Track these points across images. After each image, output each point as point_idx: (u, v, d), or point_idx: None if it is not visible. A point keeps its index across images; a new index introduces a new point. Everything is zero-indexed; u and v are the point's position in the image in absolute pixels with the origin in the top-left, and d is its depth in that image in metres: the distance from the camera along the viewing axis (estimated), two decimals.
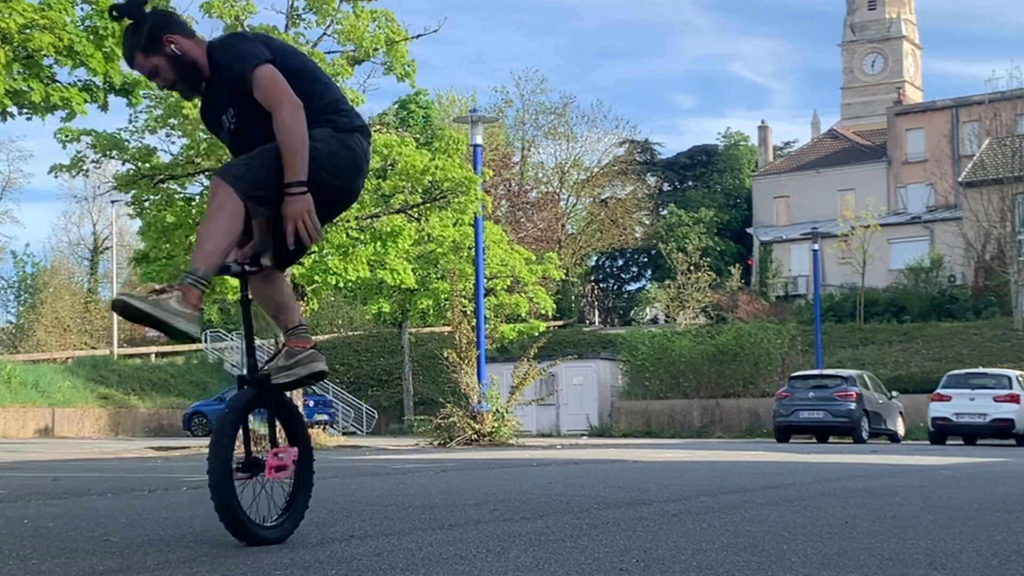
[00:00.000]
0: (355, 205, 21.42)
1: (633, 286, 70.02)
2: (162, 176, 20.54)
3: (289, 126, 3.86)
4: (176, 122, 19.87)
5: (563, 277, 46.06)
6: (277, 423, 4.34)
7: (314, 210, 3.89)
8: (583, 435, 33.44)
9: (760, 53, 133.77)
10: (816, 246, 37.25)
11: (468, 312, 26.32)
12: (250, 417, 4.20)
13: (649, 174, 69.17)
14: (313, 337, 4.44)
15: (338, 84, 21.28)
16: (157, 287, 3.80)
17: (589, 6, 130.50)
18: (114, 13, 4.11)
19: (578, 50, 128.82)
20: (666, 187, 70.77)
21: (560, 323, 52.48)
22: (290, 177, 3.85)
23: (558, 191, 63.17)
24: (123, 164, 20.67)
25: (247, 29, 20.30)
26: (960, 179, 50.60)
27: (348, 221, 21.17)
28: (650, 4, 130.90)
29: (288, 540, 4.36)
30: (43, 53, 14.85)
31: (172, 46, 4.04)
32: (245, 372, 4.20)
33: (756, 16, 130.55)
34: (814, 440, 26.40)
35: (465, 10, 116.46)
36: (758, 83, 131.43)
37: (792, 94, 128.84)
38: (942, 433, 24.39)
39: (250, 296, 4.25)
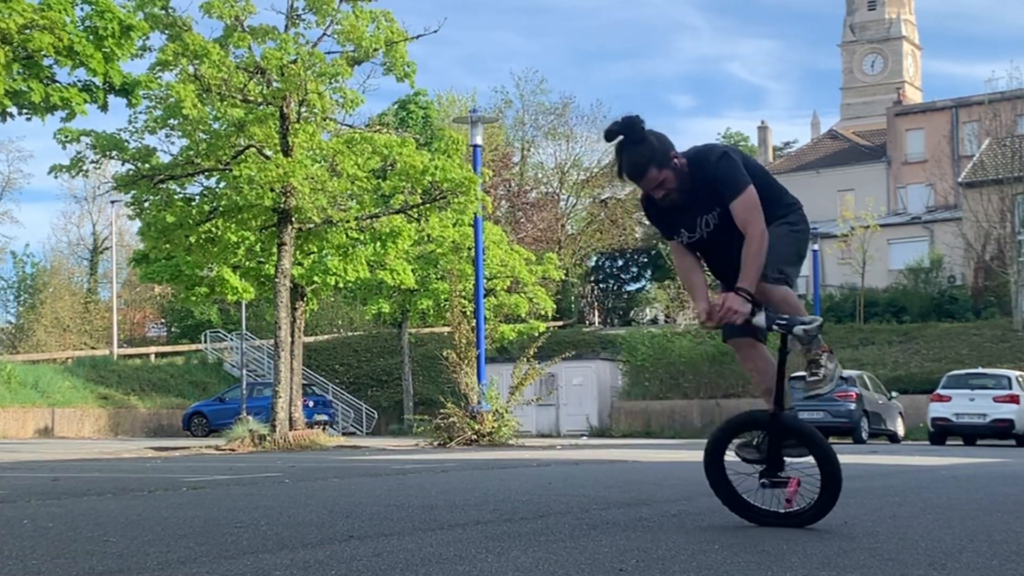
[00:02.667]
0: (355, 205, 21.43)
1: (633, 286, 70.03)
2: (162, 176, 20.52)
3: (758, 250, 4.81)
4: (176, 122, 19.85)
5: (563, 277, 46.04)
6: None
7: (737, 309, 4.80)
8: (583, 435, 33.43)
9: (757, 54, 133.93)
10: (816, 246, 37.25)
11: (468, 312, 26.32)
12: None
13: None
14: (313, 337, 4.51)
15: (338, 84, 21.10)
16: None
17: (586, 6, 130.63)
18: (613, 130, 4.92)
19: (575, 51, 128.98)
20: None
21: (560, 323, 52.47)
22: (742, 284, 4.80)
23: (558, 191, 63.14)
24: (123, 164, 20.65)
25: (247, 29, 20.28)
26: (960, 179, 50.59)
27: (348, 222, 21.17)
28: (647, 5, 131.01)
29: (288, 540, 4.36)
30: (43, 53, 14.85)
31: (675, 160, 4.86)
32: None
33: (753, 17, 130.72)
34: None
35: (462, 11, 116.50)
36: (755, 84, 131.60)
37: (789, 95, 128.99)
38: (942, 433, 24.39)
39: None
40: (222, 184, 20.89)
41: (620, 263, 70.30)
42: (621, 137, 4.90)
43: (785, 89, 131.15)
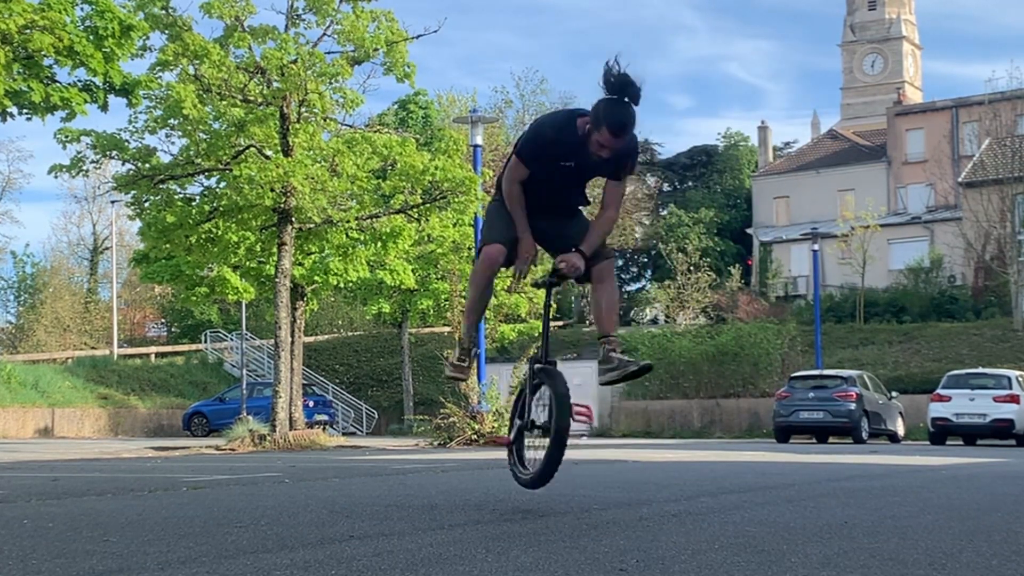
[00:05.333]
0: (355, 205, 21.43)
1: (633, 286, 70.00)
2: (162, 176, 20.51)
3: (609, 229, 5.63)
4: (176, 122, 19.84)
5: None
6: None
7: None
8: (583, 435, 33.43)
9: (754, 54, 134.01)
10: (816, 246, 37.24)
11: None
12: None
13: (649, 174, 69.14)
14: (313, 337, 4.56)
15: (338, 84, 21.09)
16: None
17: (583, 7, 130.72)
18: (620, 87, 5.14)
19: (572, 51, 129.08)
20: (666, 187, 70.76)
21: (560, 323, 52.46)
22: (586, 248, 5.46)
23: None
24: (123, 164, 20.64)
25: (247, 29, 20.28)
26: (960, 179, 50.59)
27: (348, 222, 21.17)
28: (644, 5, 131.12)
29: (288, 540, 4.36)
30: (43, 53, 14.84)
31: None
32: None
33: (750, 17, 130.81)
34: (814, 440, 26.40)
35: (459, 11, 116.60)
36: (753, 84, 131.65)
37: (787, 95, 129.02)
38: (942, 433, 24.39)
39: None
40: (222, 184, 20.89)
41: (620, 263, 70.28)
42: (613, 96, 5.16)
43: (783, 89, 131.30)
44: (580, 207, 5.75)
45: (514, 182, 5.46)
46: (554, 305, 5.54)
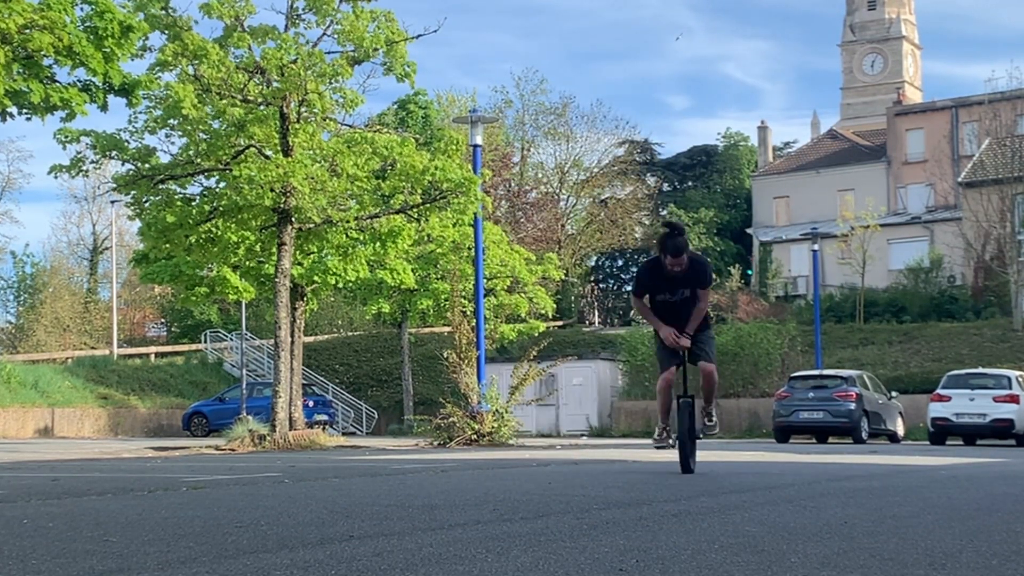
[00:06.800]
0: (355, 205, 21.43)
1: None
2: (162, 176, 20.51)
3: (701, 313, 8.79)
4: (176, 122, 19.84)
5: (563, 277, 46.05)
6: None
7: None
8: (583, 435, 33.43)
9: (751, 54, 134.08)
10: (816, 246, 37.24)
11: (468, 312, 26.31)
12: None
13: (649, 174, 69.15)
14: (313, 337, 4.60)
15: (338, 84, 21.06)
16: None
17: (580, 8, 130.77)
18: (674, 226, 8.65)
19: (570, 51, 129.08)
20: (666, 187, 70.77)
21: (560, 323, 52.47)
22: (689, 329, 8.72)
23: (558, 191, 63.13)
24: (123, 164, 20.64)
25: (247, 29, 20.27)
26: (960, 179, 50.57)
27: (348, 222, 21.17)
28: (641, 5, 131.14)
29: (288, 540, 4.36)
30: (43, 53, 14.83)
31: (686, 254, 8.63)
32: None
33: (747, 18, 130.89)
34: (814, 440, 26.40)
35: (457, 11, 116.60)
36: (750, 84, 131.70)
37: (784, 95, 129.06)
38: (942, 433, 24.38)
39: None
40: (222, 184, 20.88)
41: (620, 263, 70.31)
42: (668, 231, 8.54)
43: (780, 89, 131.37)
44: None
45: (639, 307, 9.29)
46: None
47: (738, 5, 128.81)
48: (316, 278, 23.43)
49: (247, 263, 23.59)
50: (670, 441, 9.12)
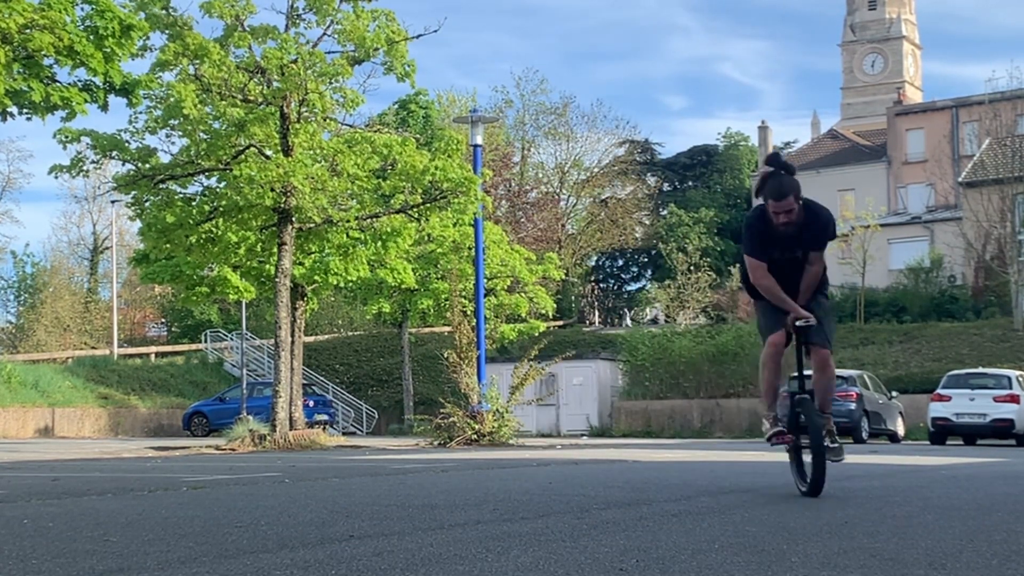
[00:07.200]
0: (355, 205, 21.43)
1: (633, 286, 70.04)
2: (162, 176, 20.51)
3: (816, 281, 6.78)
4: (176, 122, 19.82)
5: (563, 277, 46.03)
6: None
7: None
8: (583, 435, 33.42)
9: (749, 54, 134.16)
10: None
11: (468, 312, 26.31)
12: None
13: (649, 174, 69.19)
14: (313, 337, 4.59)
15: (338, 84, 21.07)
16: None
17: (577, 8, 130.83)
18: (775, 160, 6.71)
19: (567, 52, 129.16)
20: (666, 187, 70.80)
21: (560, 323, 52.47)
22: (802, 301, 6.68)
23: (558, 191, 63.14)
24: (123, 164, 20.63)
25: (247, 29, 20.27)
26: (960, 179, 50.56)
27: (348, 222, 21.17)
28: (638, 6, 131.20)
29: (288, 540, 4.36)
30: (43, 53, 14.83)
31: (799, 201, 6.59)
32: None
33: (744, 18, 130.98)
34: None
35: (455, 12, 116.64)
36: (748, 84, 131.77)
37: (782, 95, 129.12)
38: (942, 433, 24.37)
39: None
40: (222, 184, 20.88)
41: (620, 263, 70.37)
42: (771, 168, 6.65)
43: (778, 89, 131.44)
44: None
45: (761, 279, 6.84)
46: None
47: (736, 5, 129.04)
48: (317, 278, 23.43)
49: (247, 263, 23.59)
50: (785, 431, 6.87)
